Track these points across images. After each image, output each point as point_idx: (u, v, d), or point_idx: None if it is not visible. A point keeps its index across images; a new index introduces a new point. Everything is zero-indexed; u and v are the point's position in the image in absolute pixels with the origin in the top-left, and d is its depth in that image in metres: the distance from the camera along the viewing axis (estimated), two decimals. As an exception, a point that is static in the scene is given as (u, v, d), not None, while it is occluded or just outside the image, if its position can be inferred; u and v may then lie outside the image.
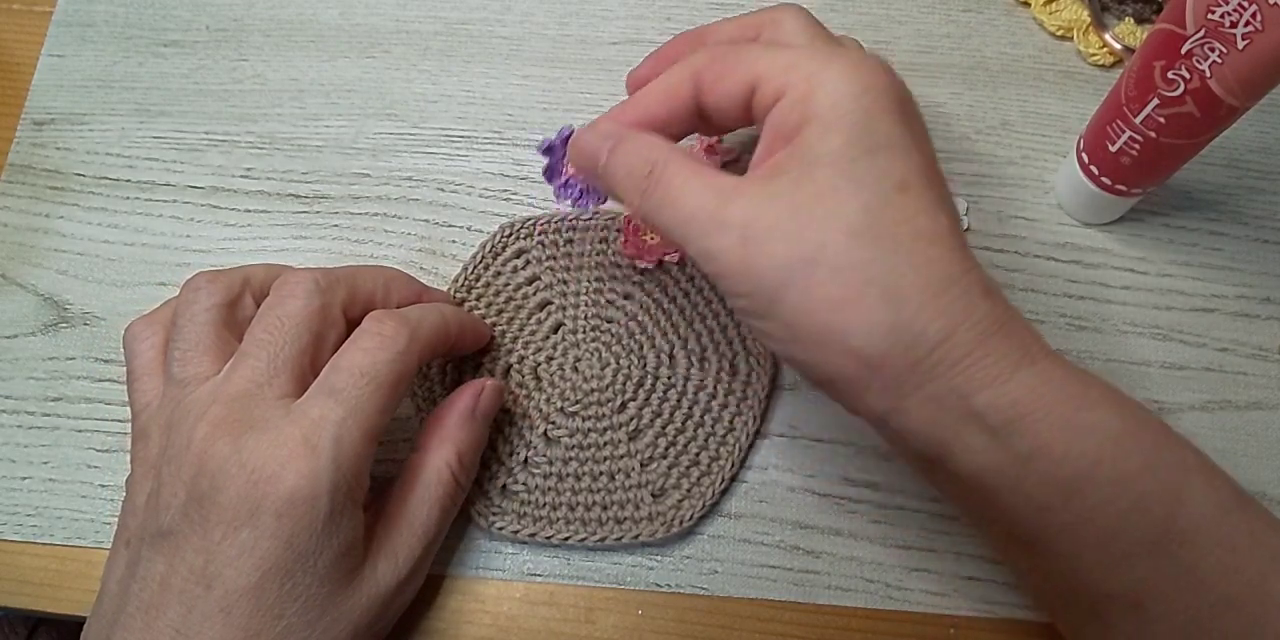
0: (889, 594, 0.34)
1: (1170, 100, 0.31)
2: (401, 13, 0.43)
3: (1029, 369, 0.26)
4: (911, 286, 0.26)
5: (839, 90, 0.27)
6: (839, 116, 0.27)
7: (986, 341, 0.26)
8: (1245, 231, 0.39)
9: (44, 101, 0.42)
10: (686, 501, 0.34)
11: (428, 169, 0.40)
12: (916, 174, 0.27)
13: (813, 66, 0.28)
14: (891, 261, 0.26)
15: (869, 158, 0.27)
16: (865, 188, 0.26)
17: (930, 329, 0.26)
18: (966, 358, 0.26)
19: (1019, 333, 0.27)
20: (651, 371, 0.36)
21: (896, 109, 0.27)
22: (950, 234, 0.27)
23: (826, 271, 0.26)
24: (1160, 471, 0.26)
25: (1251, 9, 0.27)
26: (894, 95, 0.28)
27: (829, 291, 0.26)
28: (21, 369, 0.38)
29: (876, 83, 0.27)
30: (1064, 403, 0.26)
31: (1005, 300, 0.27)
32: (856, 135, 0.27)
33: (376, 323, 0.30)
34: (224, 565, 0.27)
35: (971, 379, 0.26)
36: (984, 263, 0.38)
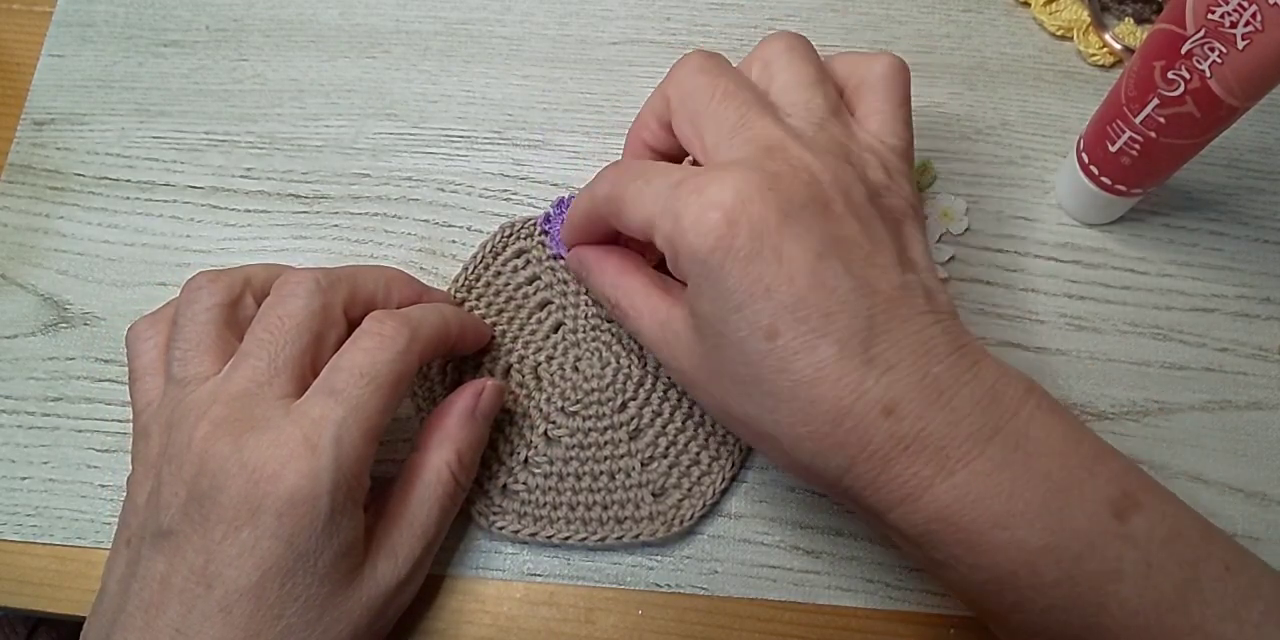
0: (889, 594, 0.34)
1: (1170, 100, 0.31)
2: (401, 13, 0.43)
3: (942, 483, 0.26)
4: (800, 435, 0.27)
5: (688, 254, 0.27)
6: (698, 284, 0.27)
7: (889, 467, 0.26)
8: (1245, 231, 0.39)
9: (44, 101, 0.42)
10: (687, 501, 0.34)
11: (428, 169, 0.40)
12: (784, 315, 0.26)
13: (665, 227, 0.28)
14: (775, 414, 0.27)
15: (735, 315, 0.27)
16: (740, 343, 0.27)
17: (829, 467, 0.27)
18: (869, 486, 0.27)
19: (934, 443, 0.26)
20: (652, 371, 0.36)
21: (745, 255, 0.26)
22: (835, 362, 0.26)
23: (735, 422, 0.29)
24: (1080, 581, 0.25)
25: (1251, 9, 0.27)
26: (741, 235, 0.26)
27: (744, 433, 0.29)
28: (21, 369, 0.38)
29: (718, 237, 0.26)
30: (977, 520, 0.26)
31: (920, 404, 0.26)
32: (717, 296, 0.27)
33: (377, 323, 0.30)
34: (224, 565, 0.27)
35: (880, 501, 0.27)
36: (984, 263, 0.38)
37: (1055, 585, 0.26)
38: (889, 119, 0.31)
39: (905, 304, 0.27)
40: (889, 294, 0.27)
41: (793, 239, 0.26)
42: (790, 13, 0.43)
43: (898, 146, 0.31)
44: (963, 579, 0.27)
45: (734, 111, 0.29)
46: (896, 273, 0.28)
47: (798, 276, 0.26)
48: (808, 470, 0.28)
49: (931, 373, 0.26)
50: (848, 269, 0.27)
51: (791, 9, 0.43)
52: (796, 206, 0.27)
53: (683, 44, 0.42)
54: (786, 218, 0.26)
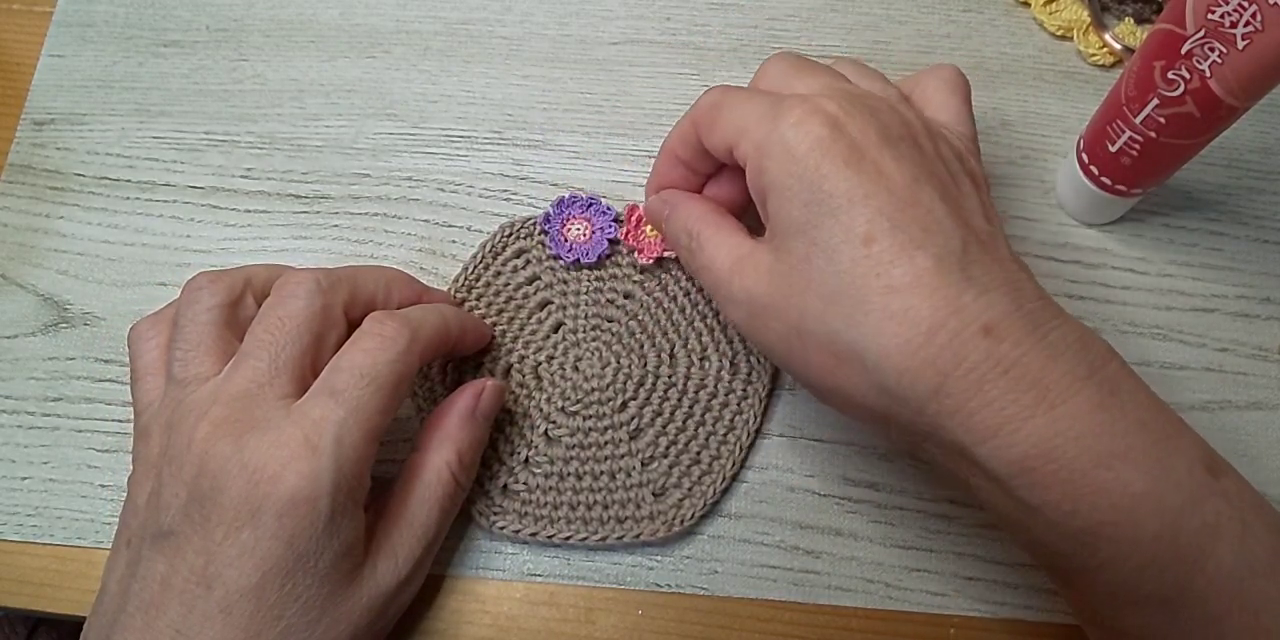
0: (889, 594, 0.34)
1: (1170, 100, 0.31)
2: (401, 13, 0.43)
3: (1043, 416, 0.24)
4: (889, 347, 0.25)
5: (783, 156, 0.27)
6: (790, 184, 0.27)
7: (984, 388, 0.25)
8: (1245, 231, 0.39)
9: (44, 101, 0.42)
10: (687, 500, 0.34)
11: (428, 169, 0.40)
12: (884, 219, 0.26)
13: (759, 133, 0.28)
14: (864, 325, 0.26)
15: (829, 220, 0.26)
16: (832, 250, 0.26)
17: (917, 386, 0.25)
18: (960, 410, 0.25)
19: (1034, 371, 0.25)
20: (652, 370, 0.36)
21: (846, 156, 0.26)
22: (933, 273, 0.25)
23: (812, 342, 0.27)
24: (1181, 536, 0.24)
25: (1251, 9, 0.27)
26: (842, 142, 0.27)
27: (819, 359, 0.27)
28: (21, 369, 0.38)
29: (819, 137, 0.27)
30: (1078, 457, 0.24)
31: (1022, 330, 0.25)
32: (811, 199, 0.27)
33: (378, 323, 0.30)
34: (225, 565, 0.27)
35: (971, 431, 0.25)
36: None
37: (1155, 539, 0.24)
38: (956, 113, 0.31)
39: (993, 243, 0.27)
40: (979, 229, 0.27)
41: (892, 158, 0.27)
42: (790, 13, 0.43)
43: (966, 135, 0.31)
44: (1054, 530, 0.25)
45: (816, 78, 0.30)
46: (983, 220, 0.28)
47: (895, 190, 0.26)
48: (892, 395, 0.26)
49: (1026, 307, 0.26)
50: (943, 196, 0.27)
51: (791, 9, 0.43)
52: (894, 135, 0.27)
53: (683, 44, 0.42)
54: (886, 140, 0.27)
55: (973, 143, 0.31)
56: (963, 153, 0.30)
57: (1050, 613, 0.34)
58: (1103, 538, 0.25)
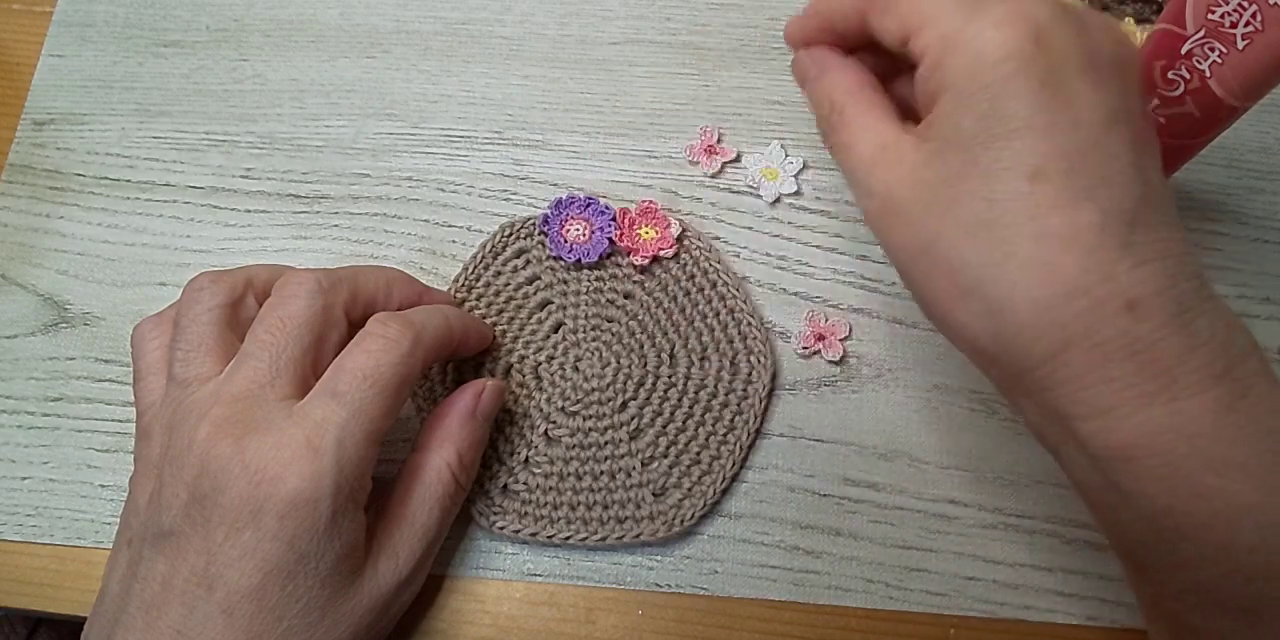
0: (889, 594, 0.34)
1: (1170, 100, 0.31)
2: (401, 13, 0.43)
3: (1163, 407, 0.22)
4: (1019, 298, 0.23)
5: (972, 57, 0.24)
6: (969, 93, 0.24)
7: (1107, 366, 0.23)
8: (1245, 231, 0.39)
9: (44, 101, 0.42)
10: (688, 500, 0.34)
11: (428, 169, 0.40)
12: (1060, 157, 0.23)
13: (952, 24, 0.24)
14: (1000, 268, 0.23)
15: (1002, 142, 0.23)
16: (992, 178, 0.23)
17: (1035, 346, 0.23)
18: (1074, 381, 0.23)
19: (1166, 359, 0.23)
20: (652, 370, 0.36)
21: (1042, 77, 0.23)
22: (1095, 230, 0.23)
23: (940, 265, 0.25)
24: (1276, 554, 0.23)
25: (1251, 9, 0.27)
26: (1042, 59, 0.23)
27: (940, 285, 0.25)
28: (21, 369, 0.38)
29: (1019, 47, 0.23)
30: (1189, 457, 0.22)
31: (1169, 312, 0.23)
32: (989, 113, 0.23)
33: (381, 325, 0.30)
34: (226, 566, 0.27)
35: (1079, 404, 0.23)
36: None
37: (1250, 551, 0.23)
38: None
39: (1167, 205, 0.24)
40: (1157, 187, 0.24)
41: (1094, 87, 0.23)
42: (790, 12, 0.43)
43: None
44: (1141, 520, 0.24)
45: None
46: (1159, 168, 0.25)
47: (1085, 127, 0.23)
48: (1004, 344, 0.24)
49: (1180, 286, 0.23)
50: (1134, 143, 0.24)
51: (792, 9, 0.43)
52: (1105, 60, 0.24)
53: (683, 44, 0.42)
54: (1093, 64, 0.24)
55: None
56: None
57: (1050, 613, 0.34)
58: (1192, 540, 0.23)
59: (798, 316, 0.37)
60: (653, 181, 0.40)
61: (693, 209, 0.39)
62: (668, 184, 0.40)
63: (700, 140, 0.40)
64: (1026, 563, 0.34)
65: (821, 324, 0.37)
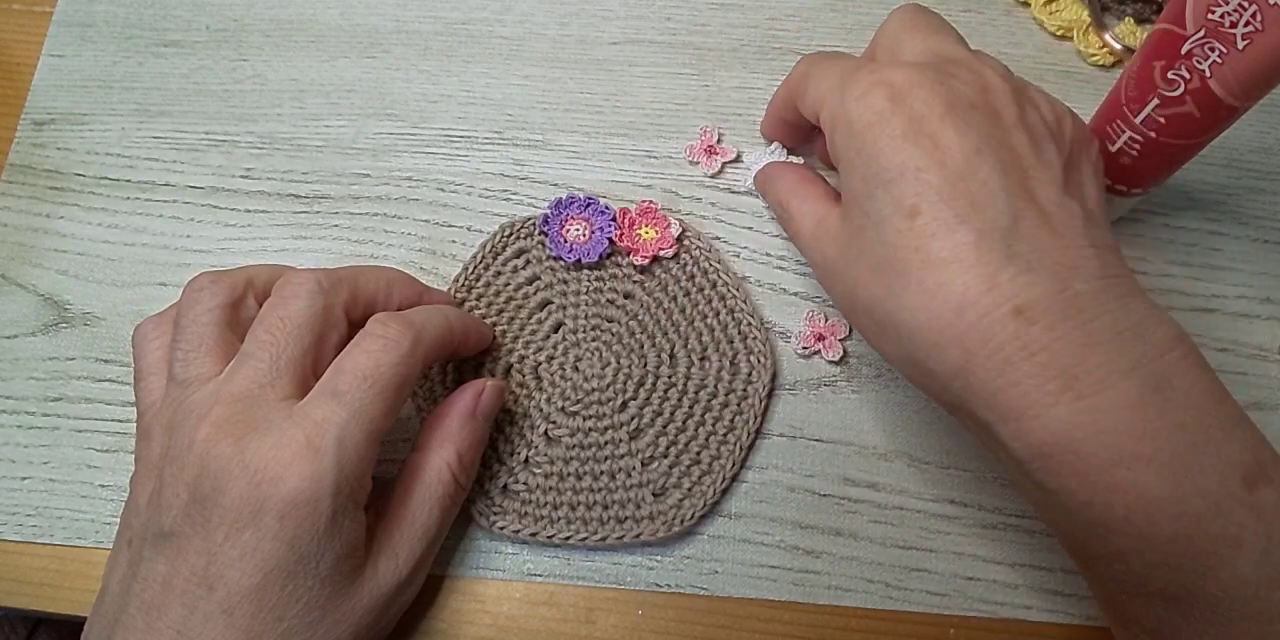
0: (889, 594, 0.34)
1: (1170, 100, 0.31)
2: (401, 13, 0.43)
3: (1068, 405, 0.24)
4: (920, 320, 0.26)
5: (846, 130, 0.28)
6: (850, 159, 0.28)
7: (1010, 370, 0.24)
8: (1245, 231, 0.39)
9: (44, 101, 0.42)
10: (688, 500, 0.34)
11: (428, 169, 0.40)
12: (931, 192, 0.26)
13: (829, 106, 0.29)
14: (901, 297, 0.26)
15: (883, 191, 0.27)
16: (881, 222, 0.27)
17: (943, 362, 0.25)
18: (982, 389, 0.25)
19: (1063, 359, 0.24)
20: (652, 370, 0.36)
21: (903, 130, 0.27)
22: (972, 249, 0.25)
23: (861, 307, 0.28)
24: (1196, 542, 0.24)
25: (1251, 9, 0.27)
26: (901, 116, 0.27)
27: (866, 325, 0.29)
28: (21, 369, 0.38)
29: (880, 110, 0.27)
30: (1097, 453, 0.24)
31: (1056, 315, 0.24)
32: (866, 173, 0.27)
33: (381, 325, 0.30)
34: (226, 566, 0.27)
35: (991, 410, 0.25)
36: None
37: (1169, 541, 0.24)
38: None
39: (1060, 220, 0.26)
40: (1044, 206, 0.26)
41: (953, 130, 0.26)
42: (790, 13, 0.43)
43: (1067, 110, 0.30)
44: (1069, 515, 0.25)
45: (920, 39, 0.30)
46: (1056, 190, 0.27)
47: (950, 163, 0.26)
48: (920, 367, 0.26)
49: (1073, 288, 0.25)
50: (1004, 170, 0.26)
51: (792, 9, 0.43)
52: (964, 104, 0.27)
53: (683, 44, 0.42)
54: (951, 110, 0.27)
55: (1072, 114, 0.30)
56: (1062, 116, 0.29)
57: (1050, 613, 0.34)
58: (1115, 532, 0.24)
59: (798, 316, 0.37)
60: (653, 181, 0.40)
61: (693, 209, 0.39)
62: (668, 184, 0.40)
63: (700, 140, 0.40)
64: (1026, 563, 0.34)
65: (821, 324, 0.37)
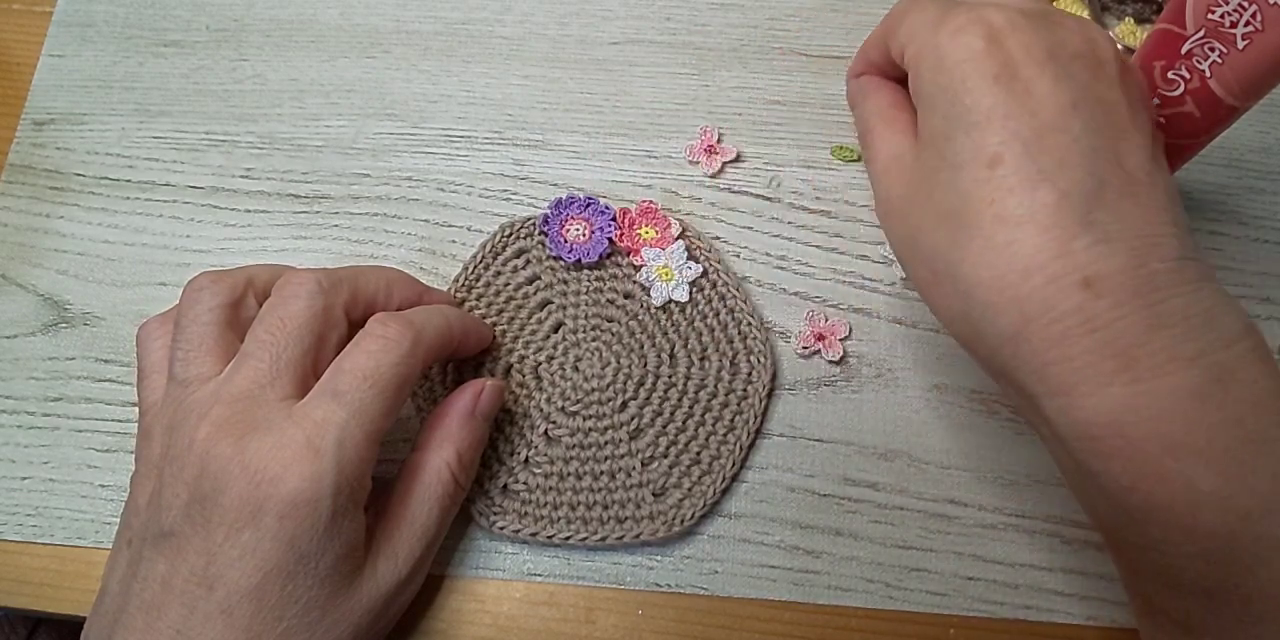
0: (889, 594, 0.34)
1: (1170, 100, 0.31)
2: (401, 13, 0.43)
3: (1124, 387, 0.23)
4: (981, 277, 0.24)
5: (933, 65, 0.26)
6: (933, 95, 0.26)
7: (1065, 344, 0.23)
8: (1245, 231, 0.39)
9: (44, 101, 0.42)
10: (688, 500, 0.34)
11: (428, 169, 0.40)
12: (1016, 143, 0.24)
13: (920, 40, 0.27)
14: (965, 250, 0.25)
15: (964, 134, 0.25)
16: (958, 168, 0.25)
17: (998, 324, 0.24)
18: (1035, 359, 0.24)
19: (1126, 338, 0.23)
20: (652, 370, 0.36)
21: (995, 72, 0.25)
22: (1051, 210, 0.24)
23: (920, 254, 0.27)
24: (1239, 540, 0.23)
25: (1251, 9, 0.27)
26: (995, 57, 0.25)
27: (922, 274, 0.27)
28: (21, 369, 0.38)
29: (972, 48, 0.25)
30: (1148, 440, 0.23)
31: (1128, 292, 0.23)
32: (949, 112, 0.26)
33: (381, 325, 0.30)
34: (226, 566, 0.27)
35: (1042, 382, 0.24)
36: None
37: (1210, 536, 0.23)
38: None
39: (1146, 190, 0.25)
40: (1133, 174, 0.25)
41: (1051, 79, 0.25)
42: (790, 13, 0.43)
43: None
44: (1108, 500, 0.24)
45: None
46: (1147, 158, 0.25)
47: (1042, 114, 0.25)
48: (973, 326, 0.25)
49: (1149, 266, 0.23)
50: (1097, 129, 0.25)
51: (792, 9, 0.43)
52: (1067, 53, 0.26)
53: (683, 44, 0.42)
54: (1052, 58, 0.25)
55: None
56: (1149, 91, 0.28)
57: (1050, 613, 0.34)
58: (1156, 521, 0.24)
59: (798, 316, 0.37)
60: (653, 181, 0.40)
61: (693, 209, 0.39)
62: (668, 184, 0.40)
63: (700, 140, 0.40)
64: (1026, 563, 0.34)
65: (821, 324, 0.37)
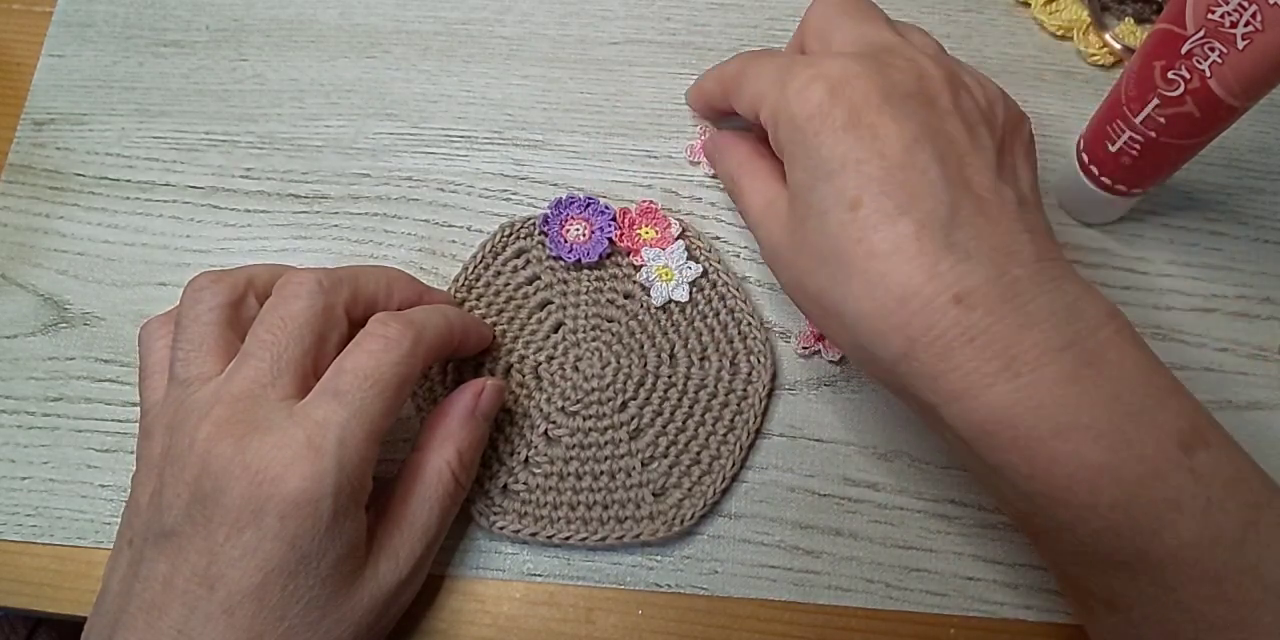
0: (889, 594, 0.34)
1: (1170, 100, 0.31)
2: (401, 13, 0.43)
3: (1006, 383, 0.25)
4: (864, 310, 0.27)
5: (789, 122, 0.28)
6: (793, 150, 0.29)
7: (950, 355, 0.25)
8: (1245, 231, 0.39)
9: (44, 101, 0.42)
10: (688, 500, 0.34)
11: (428, 169, 0.40)
12: (873, 184, 0.27)
13: (771, 101, 0.29)
14: (845, 288, 0.27)
15: (825, 183, 0.27)
16: (824, 214, 0.28)
17: (889, 348, 0.26)
18: (926, 373, 0.26)
19: (1002, 340, 0.25)
20: (652, 370, 0.36)
21: (844, 122, 0.27)
22: (913, 240, 0.26)
23: (809, 297, 0.29)
24: (1137, 507, 0.25)
25: (1251, 9, 0.27)
26: (841, 107, 0.27)
27: (811, 311, 0.30)
28: (21, 369, 0.38)
29: (819, 101, 0.28)
30: (1036, 427, 0.25)
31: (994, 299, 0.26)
32: (808, 164, 0.28)
33: (381, 325, 0.30)
34: (227, 566, 0.27)
35: (936, 393, 0.26)
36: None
37: (1111, 508, 0.25)
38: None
39: (995, 206, 0.27)
40: (980, 193, 0.27)
41: (891, 119, 0.27)
42: (791, 13, 0.43)
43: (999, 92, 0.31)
44: (1015, 489, 0.26)
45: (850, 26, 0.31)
46: (991, 176, 0.28)
47: (889, 154, 0.27)
48: (866, 353, 0.27)
49: (1011, 273, 0.26)
50: (941, 158, 0.27)
51: (792, 9, 0.43)
52: (900, 93, 0.28)
53: (682, 44, 0.42)
54: (888, 99, 0.28)
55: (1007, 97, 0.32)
56: (996, 100, 0.30)
57: (1050, 613, 0.34)
58: (1059, 502, 0.25)
59: (798, 316, 0.37)
60: (653, 181, 0.40)
61: (693, 209, 0.39)
62: (668, 184, 0.40)
63: (700, 140, 0.40)
64: (1026, 563, 0.34)
65: (821, 324, 0.37)
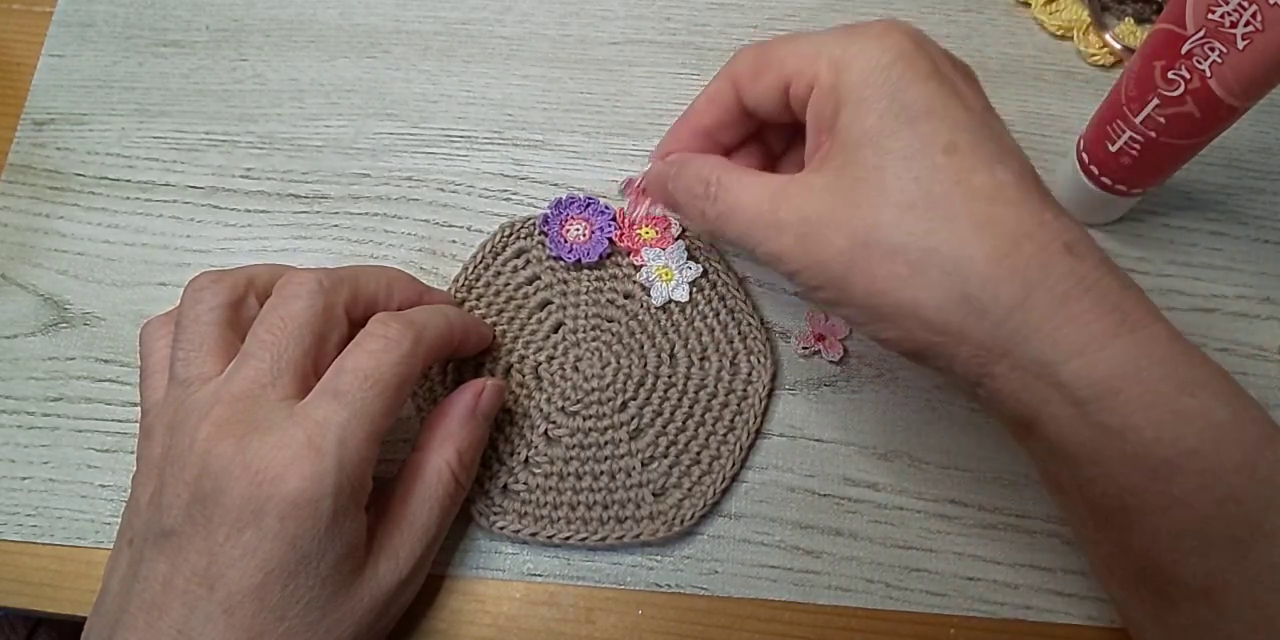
0: (889, 594, 0.34)
1: (1170, 100, 0.31)
2: (401, 13, 0.43)
3: (1127, 338, 0.24)
4: (972, 252, 0.25)
5: (864, 67, 0.27)
6: (869, 93, 0.27)
7: (1069, 305, 0.24)
8: (1245, 231, 0.39)
9: (44, 101, 0.42)
10: (688, 500, 0.34)
11: (428, 169, 0.40)
12: (964, 132, 0.26)
13: (835, 50, 0.28)
14: (948, 229, 0.25)
15: (909, 127, 0.26)
16: (910, 158, 0.26)
17: (1001, 295, 0.25)
18: (1046, 324, 0.24)
19: (1113, 294, 0.25)
20: (652, 370, 0.36)
21: (929, 71, 0.27)
22: (1015, 187, 0.25)
23: (885, 250, 0.26)
24: (1260, 470, 0.24)
25: (1251, 9, 0.27)
26: (925, 57, 0.27)
27: (892, 269, 0.26)
28: (21, 369, 0.38)
29: (902, 49, 0.27)
30: (1163, 381, 0.24)
31: (1098, 256, 0.25)
32: (890, 108, 0.26)
33: (382, 325, 0.30)
34: (227, 566, 0.27)
35: (1056, 347, 0.24)
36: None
37: (1236, 471, 0.24)
38: None
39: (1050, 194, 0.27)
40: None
41: (966, 83, 0.28)
42: (790, 13, 0.43)
43: None
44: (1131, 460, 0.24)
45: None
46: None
47: (975, 108, 0.27)
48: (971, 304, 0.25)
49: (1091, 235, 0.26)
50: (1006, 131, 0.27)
51: (791, 9, 0.43)
52: (964, 69, 0.28)
53: (682, 44, 0.42)
54: (957, 68, 0.28)
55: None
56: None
57: (1050, 613, 0.34)
58: (1183, 469, 0.24)
59: (798, 316, 0.37)
60: (653, 181, 0.40)
61: (693, 209, 0.39)
62: (668, 184, 0.40)
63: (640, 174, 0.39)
64: (1026, 563, 0.34)
65: (822, 324, 0.37)
